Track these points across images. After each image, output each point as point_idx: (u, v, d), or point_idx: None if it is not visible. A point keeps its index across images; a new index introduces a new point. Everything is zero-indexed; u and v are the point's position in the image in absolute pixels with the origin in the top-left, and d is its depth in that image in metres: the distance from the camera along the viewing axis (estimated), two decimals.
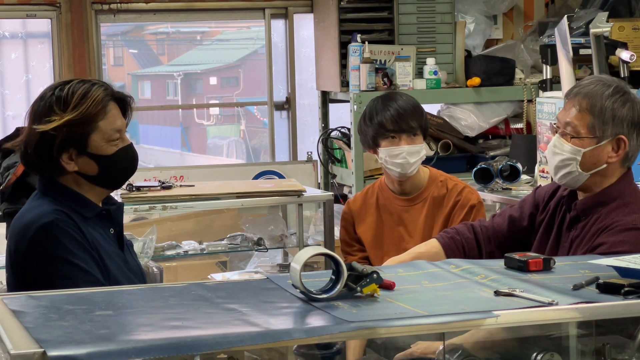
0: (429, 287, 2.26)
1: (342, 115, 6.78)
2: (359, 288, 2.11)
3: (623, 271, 2.24)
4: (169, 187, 4.59)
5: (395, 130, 3.82)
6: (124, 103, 2.93)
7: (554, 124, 3.01)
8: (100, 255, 2.82)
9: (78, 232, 2.79)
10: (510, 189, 4.79)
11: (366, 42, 6.24)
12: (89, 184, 2.88)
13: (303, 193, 4.63)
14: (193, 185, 4.75)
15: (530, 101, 6.56)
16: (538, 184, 4.33)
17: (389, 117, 3.81)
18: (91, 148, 2.85)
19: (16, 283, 2.83)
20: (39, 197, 2.88)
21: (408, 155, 3.81)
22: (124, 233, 3.02)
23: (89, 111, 2.82)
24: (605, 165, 2.93)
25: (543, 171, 4.59)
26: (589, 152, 2.92)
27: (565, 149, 2.94)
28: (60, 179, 2.87)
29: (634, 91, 2.99)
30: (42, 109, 2.84)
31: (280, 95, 7.11)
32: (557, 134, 2.98)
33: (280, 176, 6.35)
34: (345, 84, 6.43)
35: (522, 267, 2.39)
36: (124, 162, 2.92)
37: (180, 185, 4.73)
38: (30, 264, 2.77)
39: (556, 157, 2.96)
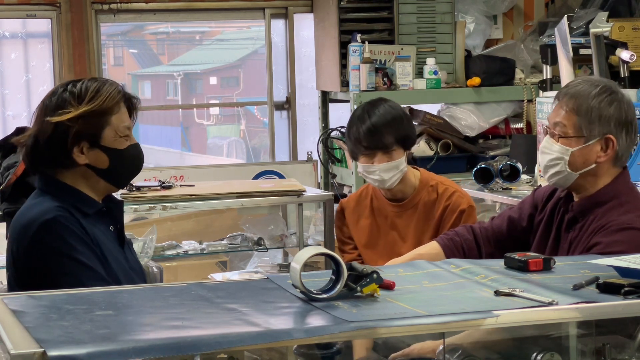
0: (429, 287, 2.26)
1: (342, 115, 6.78)
2: (359, 288, 2.11)
3: (623, 271, 2.24)
4: (169, 187, 4.59)
5: (369, 147, 3.77)
6: (130, 103, 2.95)
7: (545, 125, 3.03)
8: (102, 252, 2.83)
9: (80, 229, 2.80)
10: (510, 189, 4.79)
11: (366, 42, 6.24)
12: (97, 178, 2.89)
13: (303, 193, 4.63)
14: (193, 185, 4.75)
15: (530, 101, 6.57)
16: (538, 184, 4.33)
17: (363, 134, 3.76)
18: (104, 141, 2.87)
19: (19, 281, 2.83)
20: (39, 195, 2.89)
21: (382, 172, 3.78)
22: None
23: (104, 104, 2.85)
24: (594, 165, 2.94)
25: None
26: (577, 152, 2.93)
27: (553, 148, 2.95)
28: (60, 177, 2.88)
29: (625, 91, 2.99)
30: (55, 102, 2.86)
31: (280, 95, 7.11)
32: (547, 135, 3.00)
33: (280, 176, 6.35)
34: (345, 83, 6.43)
35: (522, 267, 2.39)
36: (133, 158, 2.95)
37: (180, 185, 4.73)
38: (33, 261, 2.78)
39: (545, 157, 2.98)
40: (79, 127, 2.83)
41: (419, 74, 6.50)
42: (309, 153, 6.64)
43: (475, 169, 4.90)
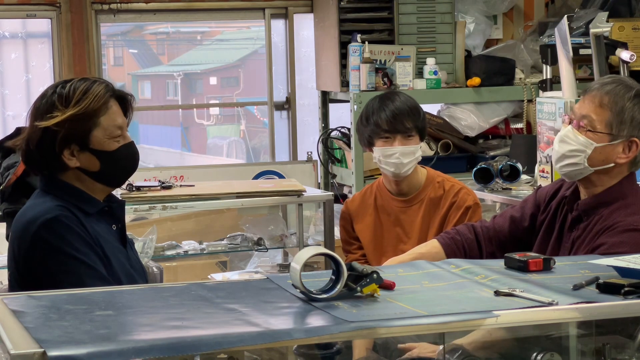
0: (429, 287, 2.26)
1: (342, 115, 6.78)
2: (359, 288, 2.11)
3: (623, 271, 2.24)
4: (169, 187, 4.59)
5: (390, 130, 3.83)
6: (124, 101, 2.94)
7: (569, 115, 3.01)
8: (103, 251, 2.83)
9: (81, 228, 2.80)
10: (510, 189, 4.79)
11: (366, 42, 6.24)
12: (91, 180, 2.89)
13: (303, 193, 4.64)
14: (193, 185, 4.75)
15: (530, 101, 6.57)
16: (538, 184, 4.33)
17: (385, 118, 3.83)
18: (93, 144, 2.86)
19: (20, 280, 2.83)
20: (41, 195, 2.89)
21: (401, 155, 3.82)
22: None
23: (90, 106, 2.84)
24: (612, 165, 2.94)
25: (543, 171, 4.59)
26: (600, 148, 2.93)
27: (577, 140, 2.93)
28: (61, 177, 2.88)
29: None
30: (43, 106, 2.86)
31: (280, 95, 7.11)
32: (570, 125, 2.97)
33: (280, 176, 6.35)
34: (345, 84, 6.43)
35: (522, 267, 2.39)
36: (126, 159, 2.93)
37: (180, 185, 4.73)
38: (34, 260, 2.78)
39: (565, 146, 2.95)
40: (66, 131, 2.82)
41: (419, 74, 6.50)
42: (309, 153, 6.64)
43: (475, 169, 4.90)
